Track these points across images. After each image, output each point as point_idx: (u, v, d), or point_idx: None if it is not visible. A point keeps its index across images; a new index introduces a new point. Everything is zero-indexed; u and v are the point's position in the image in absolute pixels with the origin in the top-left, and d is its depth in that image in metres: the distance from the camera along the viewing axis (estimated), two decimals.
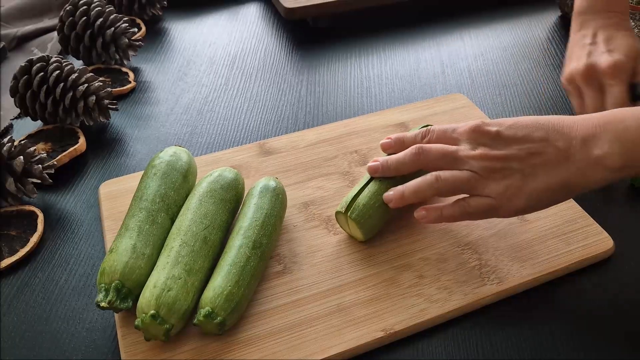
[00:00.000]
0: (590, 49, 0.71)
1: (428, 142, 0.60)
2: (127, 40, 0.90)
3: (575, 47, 0.74)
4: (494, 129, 0.57)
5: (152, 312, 0.50)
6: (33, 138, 0.77)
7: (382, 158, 0.62)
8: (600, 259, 0.62)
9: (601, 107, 0.68)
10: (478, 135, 0.57)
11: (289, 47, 1.01)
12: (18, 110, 0.84)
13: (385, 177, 0.62)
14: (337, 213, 0.62)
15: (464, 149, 0.57)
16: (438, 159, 0.58)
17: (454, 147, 0.58)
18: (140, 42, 0.93)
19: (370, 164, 0.62)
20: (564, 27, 1.05)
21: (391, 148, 0.63)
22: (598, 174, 0.54)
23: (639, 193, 0.70)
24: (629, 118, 0.54)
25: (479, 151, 0.56)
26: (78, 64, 0.93)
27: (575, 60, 0.72)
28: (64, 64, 0.77)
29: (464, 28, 1.05)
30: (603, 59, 0.69)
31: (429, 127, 0.61)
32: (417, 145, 0.59)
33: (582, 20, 0.75)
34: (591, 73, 0.69)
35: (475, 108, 0.82)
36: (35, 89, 0.76)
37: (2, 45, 0.96)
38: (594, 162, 0.54)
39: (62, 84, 0.75)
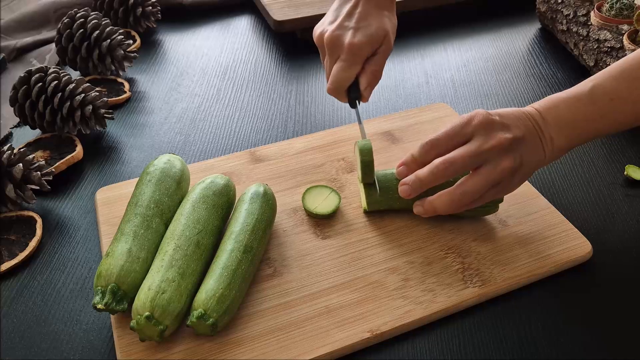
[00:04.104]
0: (344, 20, 0.72)
1: (439, 153, 0.60)
2: (122, 51, 0.91)
3: (337, 7, 0.75)
4: (497, 117, 0.60)
5: (147, 313, 0.51)
6: (32, 146, 0.77)
7: (409, 178, 0.61)
8: (579, 263, 0.63)
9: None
10: (490, 125, 0.59)
11: (279, 58, 1.02)
12: (17, 119, 0.84)
13: None
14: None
15: (482, 143, 0.58)
16: (466, 165, 0.59)
17: (473, 146, 0.59)
18: (135, 54, 0.94)
19: (400, 188, 0.61)
20: (543, 39, 1.06)
21: (408, 172, 0.62)
22: (550, 153, 0.61)
23: (617, 199, 0.72)
24: (560, 104, 0.61)
25: (498, 138, 0.58)
26: (75, 74, 0.94)
27: (328, 23, 0.74)
28: (62, 74, 0.78)
29: (448, 40, 1.06)
30: (347, 36, 0.71)
31: (430, 140, 0.61)
32: (442, 159, 0.59)
33: None
34: (334, 43, 0.72)
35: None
36: (34, 99, 0.76)
37: (2, 56, 0.96)
38: (549, 143, 0.61)
39: (59, 94, 0.76)
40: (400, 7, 1.06)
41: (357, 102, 0.73)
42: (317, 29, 0.75)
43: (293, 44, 1.06)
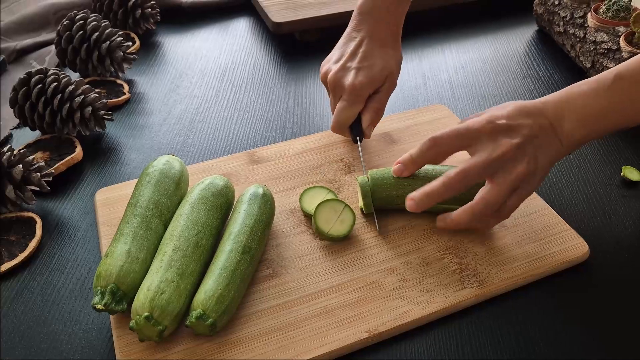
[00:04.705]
0: (347, 59, 0.74)
1: (438, 152, 0.61)
2: (122, 53, 0.91)
3: (342, 44, 0.76)
4: (503, 121, 0.59)
5: (146, 314, 0.51)
6: (31, 147, 0.78)
7: (414, 194, 0.60)
8: (576, 263, 0.63)
9: None
10: (495, 129, 0.59)
11: (277, 60, 1.02)
12: (17, 121, 0.84)
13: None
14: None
15: (492, 150, 0.58)
16: (480, 174, 0.58)
17: (482, 157, 0.58)
18: (134, 55, 0.94)
19: (407, 203, 0.60)
20: (541, 41, 1.07)
21: (406, 170, 0.63)
22: (570, 145, 0.60)
23: (613, 200, 0.72)
24: (581, 96, 0.60)
25: (505, 145, 0.58)
26: (75, 76, 0.94)
27: (334, 61, 0.75)
28: (62, 76, 0.78)
29: (445, 41, 1.07)
30: (349, 77, 0.72)
31: (433, 137, 0.60)
32: (454, 171, 0.58)
33: (360, 20, 0.76)
34: (337, 83, 0.73)
35: (456, 118, 0.83)
36: (33, 100, 0.77)
37: (2, 58, 0.96)
38: (567, 135, 0.60)
39: (59, 96, 0.76)
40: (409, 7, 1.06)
41: (358, 139, 0.75)
42: (323, 67, 0.76)
43: (292, 45, 1.06)
